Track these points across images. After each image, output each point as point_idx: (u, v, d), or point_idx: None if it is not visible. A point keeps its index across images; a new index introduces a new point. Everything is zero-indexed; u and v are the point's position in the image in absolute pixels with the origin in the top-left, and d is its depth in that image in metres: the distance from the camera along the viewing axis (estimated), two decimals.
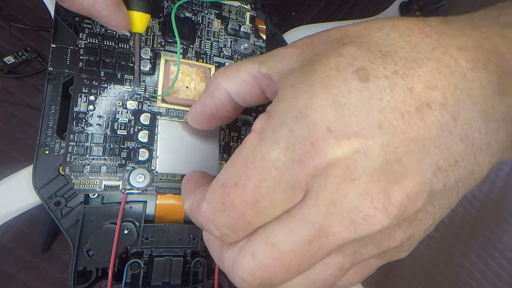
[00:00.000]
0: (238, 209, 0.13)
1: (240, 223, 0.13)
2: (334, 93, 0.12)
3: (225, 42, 0.27)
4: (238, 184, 0.13)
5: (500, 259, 0.50)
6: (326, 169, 0.12)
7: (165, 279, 0.24)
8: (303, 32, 0.36)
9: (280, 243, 0.12)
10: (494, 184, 0.57)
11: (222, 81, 0.17)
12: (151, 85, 0.24)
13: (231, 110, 0.19)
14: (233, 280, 0.14)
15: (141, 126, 0.24)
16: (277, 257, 0.13)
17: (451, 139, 0.12)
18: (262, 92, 0.17)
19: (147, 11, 0.20)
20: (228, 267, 0.14)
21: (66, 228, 0.23)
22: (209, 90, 0.18)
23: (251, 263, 0.13)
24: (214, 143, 0.23)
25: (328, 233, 0.12)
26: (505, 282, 0.49)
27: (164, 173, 0.19)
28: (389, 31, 0.13)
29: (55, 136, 0.23)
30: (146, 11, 0.20)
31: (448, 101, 0.12)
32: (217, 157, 0.23)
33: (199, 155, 0.22)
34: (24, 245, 0.27)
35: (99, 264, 0.23)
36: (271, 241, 0.13)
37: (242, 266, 0.13)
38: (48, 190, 0.23)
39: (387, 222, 0.12)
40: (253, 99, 0.18)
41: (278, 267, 0.13)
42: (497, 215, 0.55)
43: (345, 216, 0.12)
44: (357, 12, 0.47)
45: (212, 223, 0.14)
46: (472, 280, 0.48)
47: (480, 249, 0.50)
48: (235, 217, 0.13)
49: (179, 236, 0.25)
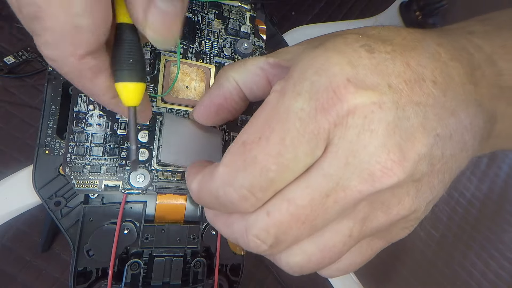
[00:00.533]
0: (261, 164, 0.13)
1: (262, 181, 0.13)
2: (348, 56, 0.13)
3: (225, 42, 0.27)
4: (261, 138, 0.13)
5: (500, 259, 0.50)
6: (347, 116, 0.12)
7: (165, 279, 0.24)
8: (303, 32, 0.36)
9: (296, 198, 0.13)
10: (494, 184, 0.57)
11: (231, 72, 0.19)
12: (151, 85, 0.24)
13: (239, 100, 0.20)
14: (246, 242, 0.14)
15: (141, 126, 0.24)
16: (293, 211, 0.13)
17: (444, 111, 0.14)
18: (268, 83, 0.18)
19: (142, 79, 0.16)
20: (240, 231, 0.14)
21: (66, 228, 0.23)
22: (219, 82, 0.19)
23: (266, 220, 0.13)
24: (217, 142, 0.23)
25: (345, 186, 0.13)
26: (505, 282, 0.49)
27: (166, 163, 0.19)
28: (381, 30, 0.15)
29: (55, 136, 0.23)
30: (141, 80, 0.16)
31: (438, 79, 0.14)
32: (220, 156, 0.23)
33: (202, 152, 0.21)
34: (24, 245, 0.28)
35: (99, 264, 0.23)
36: (287, 197, 0.13)
37: (257, 224, 0.13)
38: (48, 190, 0.23)
39: (402, 176, 0.12)
40: (259, 90, 0.19)
41: (293, 222, 0.13)
42: (497, 215, 0.55)
43: (363, 168, 0.12)
44: (357, 12, 0.47)
45: (230, 186, 0.13)
46: (472, 280, 0.48)
47: (480, 249, 0.50)
48: (257, 174, 0.13)
49: (179, 236, 0.25)
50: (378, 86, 0.13)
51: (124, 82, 0.15)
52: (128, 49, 0.15)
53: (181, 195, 0.25)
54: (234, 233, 0.15)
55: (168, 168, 0.24)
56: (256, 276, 0.36)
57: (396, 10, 0.44)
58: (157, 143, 0.22)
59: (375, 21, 0.42)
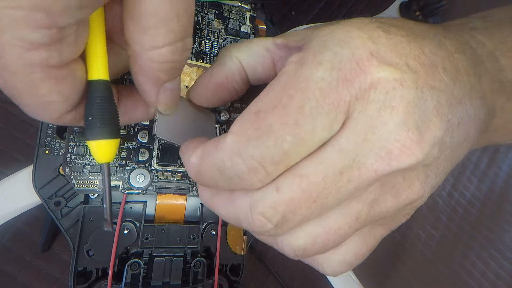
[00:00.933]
0: (276, 133, 0.12)
1: (275, 153, 0.12)
2: (367, 33, 0.13)
3: (225, 42, 0.27)
4: (278, 106, 0.12)
5: (500, 259, 0.50)
6: (369, 90, 0.12)
7: (165, 279, 0.24)
8: None
9: (310, 174, 0.12)
10: (494, 184, 0.57)
11: (235, 51, 0.18)
12: None
13: (240, 82, 0.19)
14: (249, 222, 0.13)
15: (141, 126, 0.24)
16: (305, 188, 0.12)
17: (454, 99, 0.14)
18: (273, 65, 0.18)
19: (116, 135, 0.15)
20: (243, 210, 0.13)
21: (66, 228, 0.23)
22: (220, 60, 0.18)
23: (275, 197, 0.12)
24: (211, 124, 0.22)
25: (361, 164, 0.12)
26: (505, 282, 0.49)
27: (161, 138, 0.18)
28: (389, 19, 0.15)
29: (55, 136, 0.23)
30: (114, 136, 0.15)
31: (447, 67, 0.14)
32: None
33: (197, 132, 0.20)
34: (24, 245, 0.28)
35: (99, 264, 0.23)
36: (299, 173, 0.12)
37: (264, 201, 0.13)
38: (48, 190, 0.23)
39: (420, 156, 0.12)
40: (264, 71, 0.18)
41: (304, 200, 0.12)
42: (497, 215, 0.55)
43: (381, 145, 0.12)
44: (357, 12, 0.47)
45: (239, 156, 0.12)
46: (472, 280, 0.48)
47: (480, 249, 0.50)
48: (271, 144, 0.12)
49: (179, 236, 0.25)
50: (398, 65, 0.13)
51: (96, 140, 0.14)
52: (99, 106, 0.14)
53: (181, 195, 0.25)
54: (236, 212, 0.14)
55: (168, 168, 0.24)
56: (256, 276, 0.36)
57: (396, 10, 0.44)
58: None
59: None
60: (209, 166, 0.13)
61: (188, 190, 0.25)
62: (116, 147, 0.15)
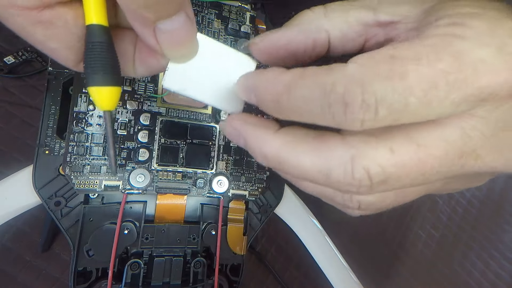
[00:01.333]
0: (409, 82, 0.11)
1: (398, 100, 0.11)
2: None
3: (225, 42, 0.27)
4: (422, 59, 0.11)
5: (500, 259, 0.51)
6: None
7: (165, 279, 0.24)
8: None
9: (430, 146, 0.11)
10: (494, 184, 0.57)
11: (325, 23, 0.15)
12: (151, 85, 0.24)
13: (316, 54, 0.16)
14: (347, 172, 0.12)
15: (141, 126, 0.24)
16: (422, 159, 0.11)
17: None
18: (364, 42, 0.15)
19: (117, 83, 0.15)
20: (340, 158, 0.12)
21: (66, 228, 0.23)
22: (303, 27, 0.15)
23: (388, 157, 0.11)
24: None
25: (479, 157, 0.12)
26: (505, 282, 0.49)
27: (170, 89, 0.16)
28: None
29: (55, 136, 0.23)
30: (116, 84, 0.15)
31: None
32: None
33: (223, 87, 0.17)
34: (24, 245, 0.28)
35: (99, 264, 0.23)
36: (418, 142, 0.11)
37: (374, 157, 0.12)
38: (48, 190, 0.23)
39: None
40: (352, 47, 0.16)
41: (415, 170, 0.12)
42: (497, 215, 0.55)
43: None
44: None
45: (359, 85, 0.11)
46: (472, 280, 0.48)
47: (480, 249, 0.50)
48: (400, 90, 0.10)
49: (179, 236, 0.25)
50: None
51: (97, 86, 0.14)
52: (99, 51, 0.14)
53: (181, 195, 0.25)
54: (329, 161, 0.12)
55: (168, 168, 0.24)
56: (256, 276, 0.36)
57: None
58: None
59: None
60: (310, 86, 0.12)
61: (188, 190, 0.25)
62: (117, 95, 0.15)
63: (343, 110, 0.11)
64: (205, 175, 0.26)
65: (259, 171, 0.27)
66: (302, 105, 0.12)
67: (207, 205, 0.26)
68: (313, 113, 0.12)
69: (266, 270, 0.36)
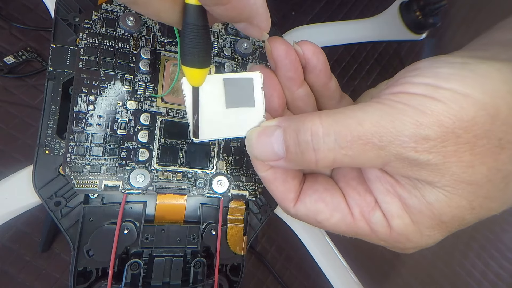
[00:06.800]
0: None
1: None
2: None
3: (225, 42, 0.27)
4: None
5: (500, 259, 0.50)
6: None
7: (165, 279, 0.24)
8: (303, 32, 0.36)
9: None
10: None
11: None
12: (151, 85, 0.24)
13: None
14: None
15: (141, 126, 0.24)
16: None
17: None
18: None
19: (205, 65, 0.16)
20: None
21: (66, 228, 0.23)
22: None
23: None
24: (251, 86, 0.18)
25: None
26: (505, 282, 0.49)
27: (206, 140, 0.17)
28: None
29: (55, 136, 0.23)
30: (203, 66, 0.16)
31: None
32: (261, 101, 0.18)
33: (241, 118, 0.18)
34: (24, 245, 0.28)
35: (99, 264, 0.23)
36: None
37: None
38: (48, 190, 0.23)
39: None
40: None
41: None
42: (497, 215, 0.55)
43: None
44: (357, 12, 0.47)
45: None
46: (472, 280, 0.48)
47: (480, 249, 0.50)
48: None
49: (179, 236, 0.25)
50: None
51: (191, 68, 0.16)
52: (192, 35, 0.15)
53: (181, 195, 0.25)
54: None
55: (168, 168, 0.24)
56: (256, 276, 0.36)
57: (396, 10, 0.44)
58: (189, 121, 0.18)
59: (376, 21, 0.42)
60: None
61: (188, 190, 0.25)
62: (204, 75, 0.17)
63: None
64: (205, 175, 0.26)
65: None
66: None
67: (207, 205, 0.26)
68: None
69: (266, 270, 0.36)
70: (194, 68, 0.16)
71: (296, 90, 0.19)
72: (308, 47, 0.18)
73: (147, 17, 0.16)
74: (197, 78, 0.16)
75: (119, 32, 0.24)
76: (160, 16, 0.15)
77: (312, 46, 0.18)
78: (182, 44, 0.15)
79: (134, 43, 0.24)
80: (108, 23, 0.24)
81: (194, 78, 0.16)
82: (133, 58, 0.24)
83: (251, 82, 0.18)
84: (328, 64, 0.18)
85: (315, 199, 0.17)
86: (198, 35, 0.15)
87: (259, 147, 0.16)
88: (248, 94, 0.18)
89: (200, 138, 0.17)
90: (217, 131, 0.18)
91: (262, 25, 0.16)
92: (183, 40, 0.15)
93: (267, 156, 0.16)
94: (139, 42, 0.24)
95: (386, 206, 0.15)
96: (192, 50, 0.15)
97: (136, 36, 0.24)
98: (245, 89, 0.18)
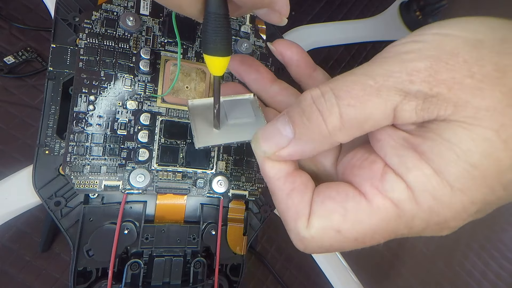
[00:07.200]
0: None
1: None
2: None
3: None
4: None
5: (500, 259, 0.50)
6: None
7: (165, 279, 0.24)
8: (303, 32, 0.36)
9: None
10: None
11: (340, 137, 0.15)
12: (151, 85, 0.24)
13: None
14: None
15: (141, 126, 0.24)
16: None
17: None
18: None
19: (226, 53, 0.17)
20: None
21: (66, 228, 0.23)
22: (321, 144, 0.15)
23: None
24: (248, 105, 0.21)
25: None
26: (505, 282, 0.49)
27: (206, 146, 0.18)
28: None
29: (55, 136, 0.23)
30: (224, 55, 0.16)
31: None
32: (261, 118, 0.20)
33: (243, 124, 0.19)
34: (24, 245, 0.28)
35: (99, 264, 0.23)
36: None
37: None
38: (48, 190, 0.23)
39: None
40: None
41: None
42: (497, 215, 0.55)
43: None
44: (357, 12, 0.47)
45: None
46: (472, 280, 0.48)
47: (480, 249, 0.50)
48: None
49: (179, 236, 0.25)
50: None
51: (212, 56, 0.16)
52: (214, 23, 0.15)
53: (181, 195, 0.25)
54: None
55: (168, 168, 0.24)
56: (256, 276, 0.36)
57: (396, 10, 0.44)
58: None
59: (376, 21, 0.42)
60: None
61: (188, 190, 0.25)
62: (225, 64, 0.17)
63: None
64: (205, 175, 0.26)
65: (259, 171, 0.27)
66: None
67: (207, 205, 0.26)
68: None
69: (266, 270, 0.36)
70: (215, 56, 0.16)
71: (269, 87, 0.20)
72: (279, 42, 0.19)
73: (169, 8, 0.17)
74: (218, 67, 0.16)
75: (119, 32, 0.24)
76: (182, 8, 0.15)
77: (284, 41, 0.19)
78: (204, 33, 0.16)
79: (134, 43, 0.24)
80: (108, 23, 0.24)
81: (216, 67, 0.16)
82: (133, 58, 0.24)
83: (248, 101, 0.20)
84: (307, 55, 0.19)
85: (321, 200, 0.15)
86: (219, 23, 0.15)
87: (266, 137, 0.15)
88: (247, 110, 0.20)
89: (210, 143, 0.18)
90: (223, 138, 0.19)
91: (283, 10, 0.16)
92: (205, 30, 0.15)
93: (276, 143, 0.15)
94: (139, 42, 0.24)
95: (400, 160, 0.13)
96: (214, 39, 0.15)
97: (136, 36, 0.24)
98: (244, 107, 0.20)
